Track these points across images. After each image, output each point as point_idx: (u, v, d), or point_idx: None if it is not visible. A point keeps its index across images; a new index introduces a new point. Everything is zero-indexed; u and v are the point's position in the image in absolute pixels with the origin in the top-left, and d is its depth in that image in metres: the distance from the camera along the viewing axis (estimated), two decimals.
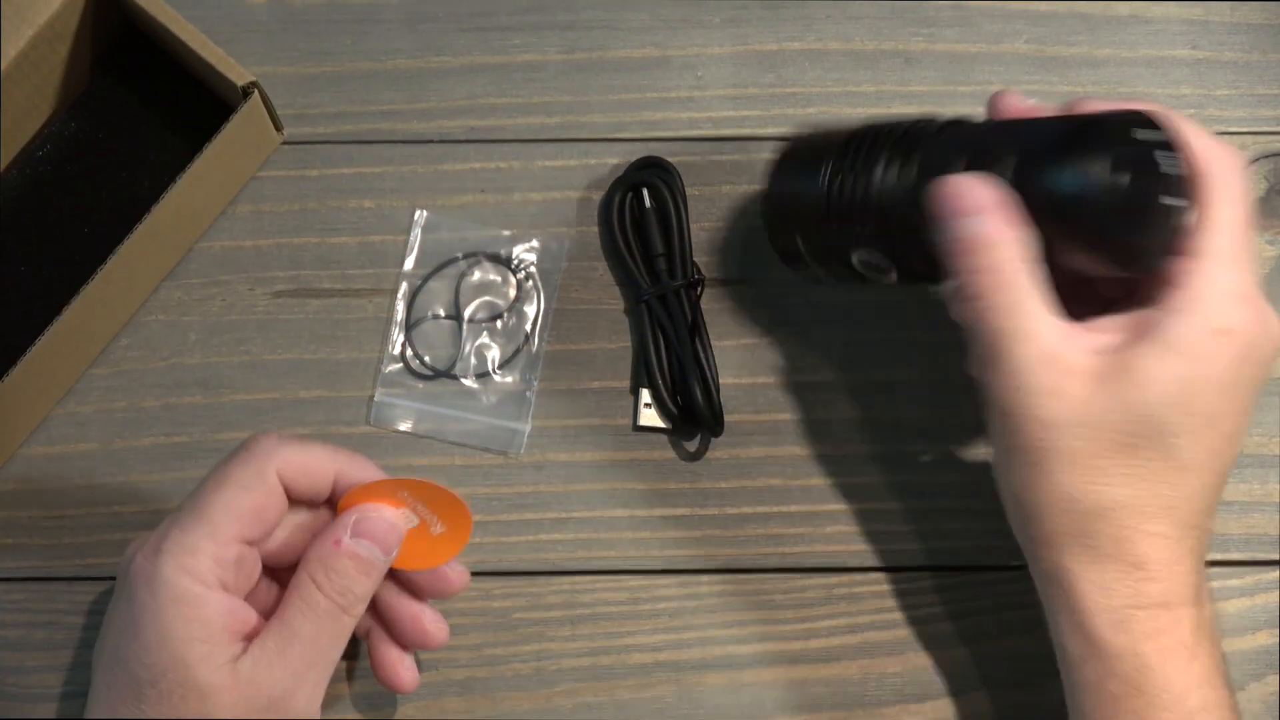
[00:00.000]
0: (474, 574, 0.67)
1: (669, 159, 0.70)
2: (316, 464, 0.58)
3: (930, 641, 0.67)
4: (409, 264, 0.70)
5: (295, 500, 0.59)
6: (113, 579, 0.66)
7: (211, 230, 0.71)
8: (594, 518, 0.68)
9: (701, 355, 0.67)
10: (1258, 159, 0.71)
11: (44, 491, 0.68)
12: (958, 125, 0.59)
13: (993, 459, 0.59)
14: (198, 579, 0.55)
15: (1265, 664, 0.66)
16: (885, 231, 0.60)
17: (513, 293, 0.70)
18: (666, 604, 0.67)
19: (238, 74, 0.66)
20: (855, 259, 0.61)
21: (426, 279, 0.70)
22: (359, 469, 0.59)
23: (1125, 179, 0.53)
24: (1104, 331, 0.56)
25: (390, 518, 0.57)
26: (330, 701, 0.66)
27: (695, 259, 0.69)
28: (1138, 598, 0.56)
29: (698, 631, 0.67)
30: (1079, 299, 0.58)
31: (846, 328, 0.70)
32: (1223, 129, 0.72)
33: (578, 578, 0.67)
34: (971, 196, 0.55)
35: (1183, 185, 0.55)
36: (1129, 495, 0.56)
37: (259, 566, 0.59)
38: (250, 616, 0.56)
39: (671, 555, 0.68)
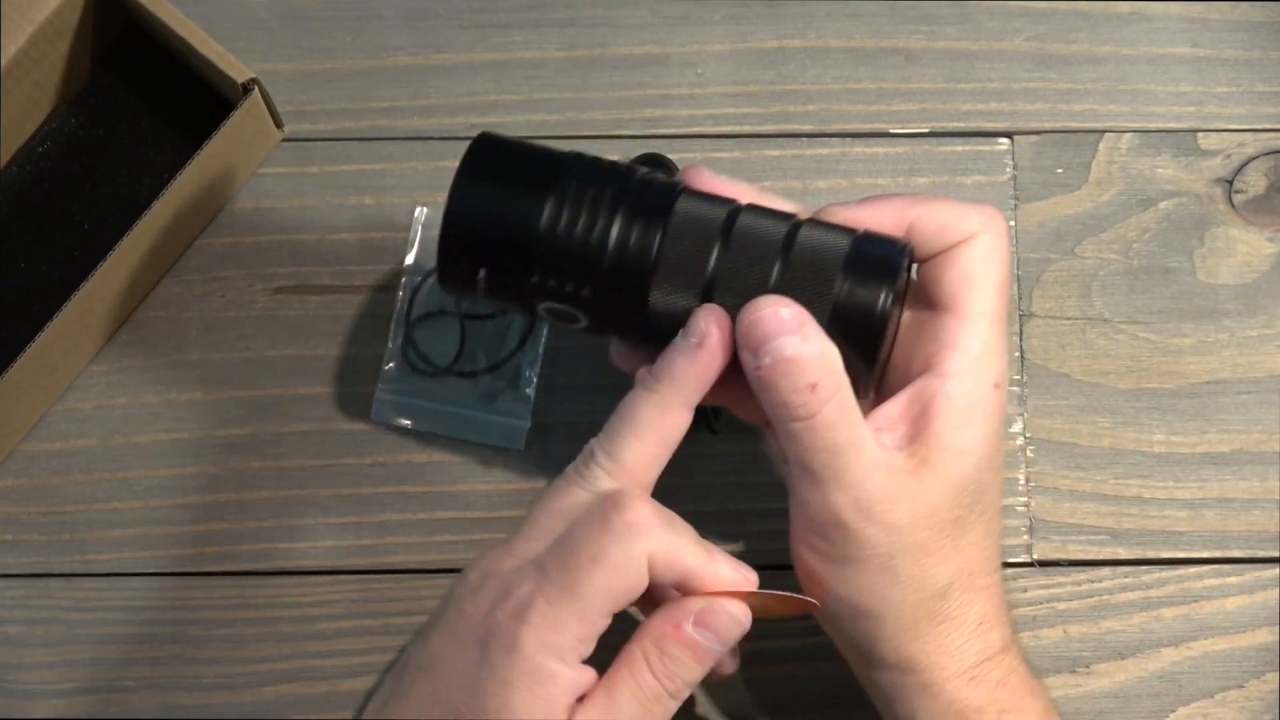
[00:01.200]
0: None
1: (669, 156, 0.70)
2: (680, 559, 0.54)
3: None
4: (410, 260, 0.70)
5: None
6: (111, 575, 0.67)
7: (212, 226, 0.71)
8: None
9: None
10: (1258, 156, 0.71)
11: (44, 487, 0.68)
12: (699, 200, 0.57)
13: (812, 575, 0.57)
14: (557, 656, 0.52)
15: (1265, 662, 0.66)
16: (603, 296, 0.56)
17: None
18: None
19: (237, 71, 0.66)
20: (544, 306, 0.57)
21: (427, 275, 0.70)
22: (715, 572, 0.55)
23: (894, 304, 0.55)
24: (888, 425, 0.56)
25: (736, 614, 0.55)
26: (329, 699, 0.66)
27: None
28: (985, 650, 0.57)
29: None
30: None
31: None
32: (1223, 126, 0.72)
33: None
34: (792, 317, 0.54)
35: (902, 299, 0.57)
36: (965, 562, 0.56)
37: None
38: (589, 681, 0.54)
39: None
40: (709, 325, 0.55)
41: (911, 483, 0.55)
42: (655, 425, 0.55)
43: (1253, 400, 0.69)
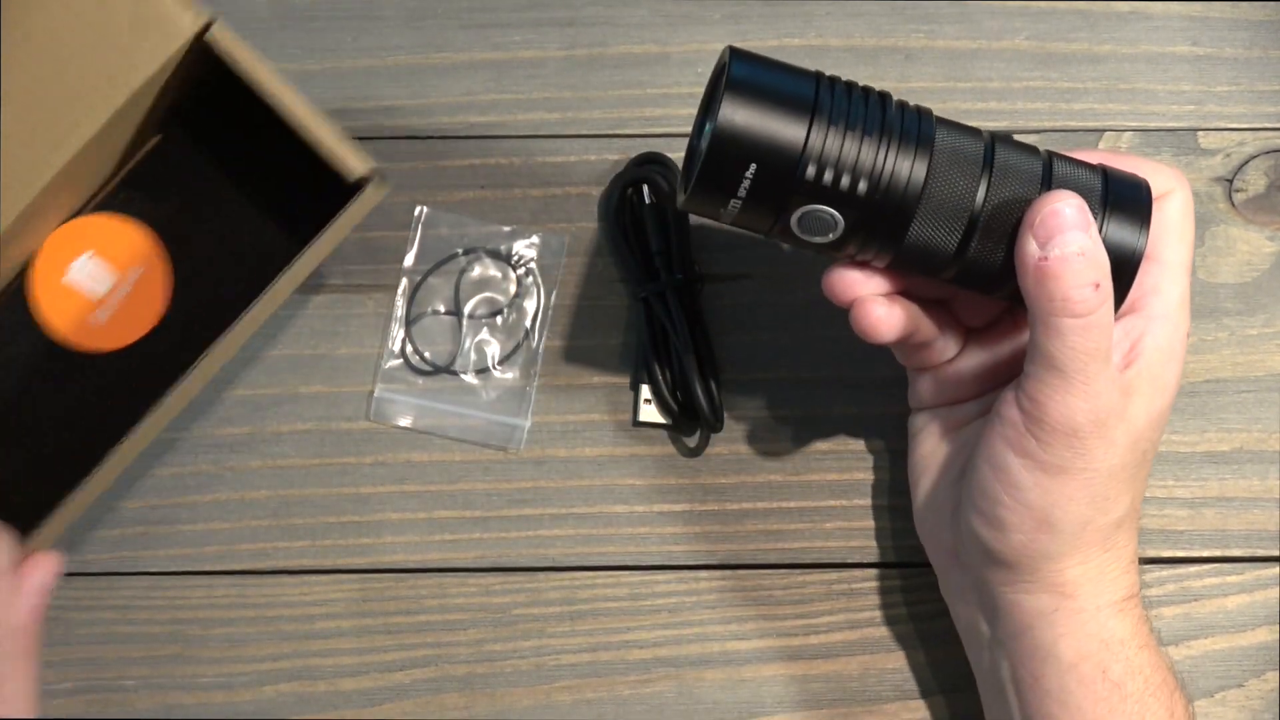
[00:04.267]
0: (474, 570, 0.67)
1: (669, 155, 0.70)
2: None
3: (929, 637, 0.67)
4: (409, 260, 0.70)
5: None
6: (111, 574, 0.67)
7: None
8: (593, 513, 0.68)
9: (701, 351, 0.67)
10: (1258, 155, 0.71)
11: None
12: (955, 130, 0.57)
13: (1011, 481, 0.58)
14: None
15: (1265, 661, 0.66)
16: (874, 196, 0.56)
17: (513, 289, 0.70)
18: (666, 600, 0.67)
19: (357, 161, 0.62)
20: (802, 211, 0.56)
21: (427, 275, 0.70)
22: None
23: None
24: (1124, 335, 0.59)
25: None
26: (329, 698, 0.66)
27: (695, 255, 0.69)
28: (1132, 588, 0.60)
29: (697, 627, 0.67)
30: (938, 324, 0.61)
31: (844, 325, 0.69)
32: (1223, 125, 0.72)
33: (577, 573, 0.67)
34: (1084, 214, 0.55)
35: None
36: (1136, 498, 0.59)
37: None
38: None
39: (671, 551, 0.68)
40: None
41: (1132, 404, 0.57)
42: None
43: (1253, 399, 0.69)
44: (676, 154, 0.70)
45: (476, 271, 0.70)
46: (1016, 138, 0.59)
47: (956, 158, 0.56)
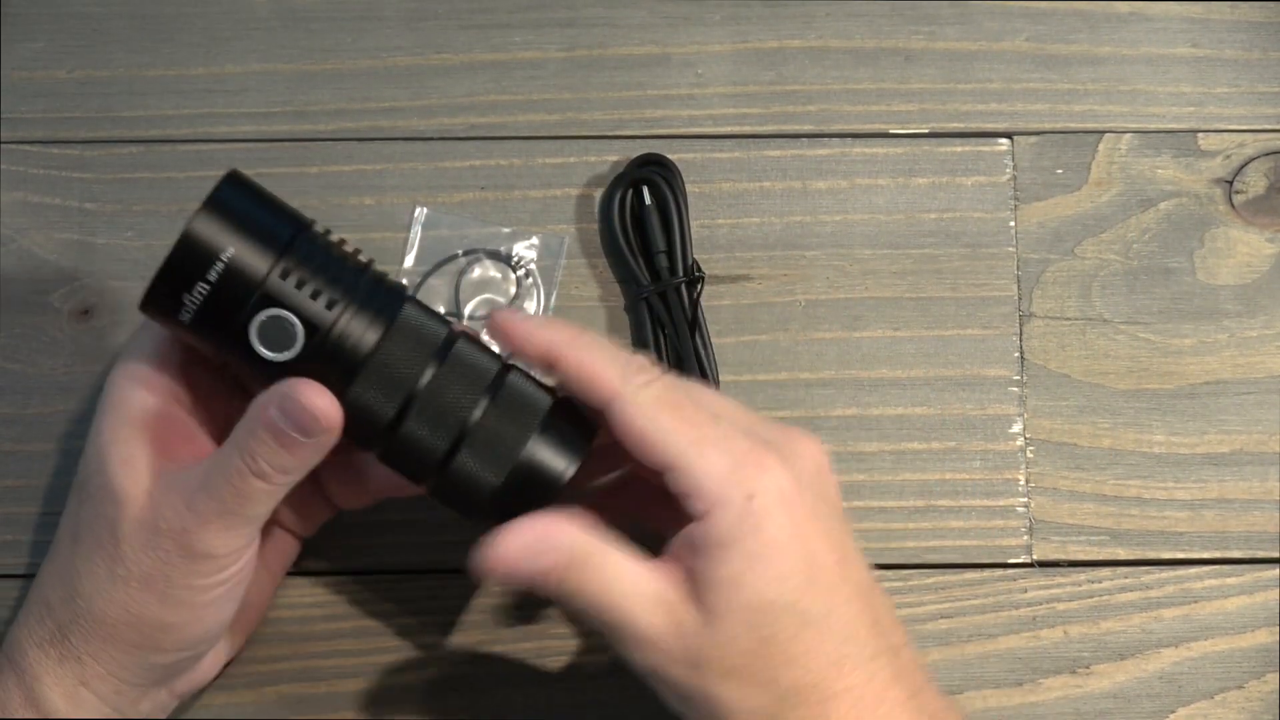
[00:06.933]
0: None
1: (669, 156, 0.70)
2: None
3: (929, 638, 0.67)
4: (409, 261, 0.70)
5: None
6: None
7: None
8: None
9: (701, 352, 0.67)
10: (1258, 157, 0.71)
11: (44, 487, 0.68)
12: (425, 312, 0.57)
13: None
14: (137, 380, 0.56)
15: (1265, 662, 0.67)
16: (325, 345, 0.55)
17: (513, 290, 0.70)
18: None
19: None
20: (261, 319, 0.54)
21: (427, 276, 0.70)
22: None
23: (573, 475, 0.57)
24: (672, 582, 0.55)
25: (319, 408, 0.54)
26: (329, 699, 0.66)
27: (695, 256, 0.69)
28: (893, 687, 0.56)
29: None
30: None
31: (844, 325, 0.70)
32: (1223, 127, 0.72)
33: None
34: (511, 551, 0.55)
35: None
36: (799, 676, 0.55)
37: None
38: (188, 431, 0.56)
39: None
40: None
41: (696, 616, 0.54)
42: None
43: (1252, 401, 0.69)
44: (677, 155, 0.70)
45: (476, 273, 0.70)
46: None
47: (414, 334, 0.56)
